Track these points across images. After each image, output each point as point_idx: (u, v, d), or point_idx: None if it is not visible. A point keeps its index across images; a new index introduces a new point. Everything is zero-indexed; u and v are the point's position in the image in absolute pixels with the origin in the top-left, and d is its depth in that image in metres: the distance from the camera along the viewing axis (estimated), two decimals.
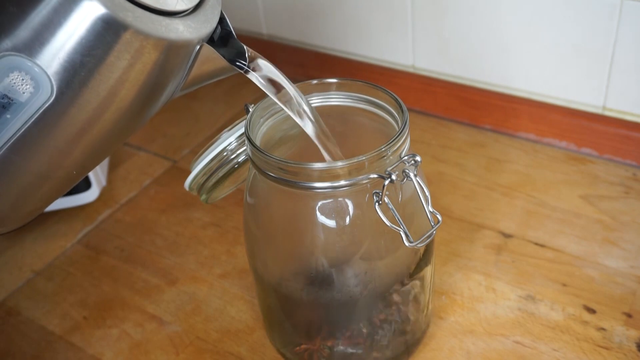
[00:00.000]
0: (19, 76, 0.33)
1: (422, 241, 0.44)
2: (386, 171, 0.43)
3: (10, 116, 0.33)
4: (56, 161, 0.37)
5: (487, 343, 0.56)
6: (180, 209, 0.73)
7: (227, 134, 0.50)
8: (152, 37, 0.33)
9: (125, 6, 0.32)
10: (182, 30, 0.35)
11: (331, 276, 0.47)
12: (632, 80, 0.68)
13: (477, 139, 0.78)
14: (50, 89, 0.33)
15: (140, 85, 0.35)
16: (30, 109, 0.33)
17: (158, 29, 0.33)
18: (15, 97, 0.33)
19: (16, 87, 0.33)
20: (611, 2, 0.65)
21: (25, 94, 0.33)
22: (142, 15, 0.33)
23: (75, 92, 0.33)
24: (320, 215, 0.46)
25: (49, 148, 0.36)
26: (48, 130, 0.34)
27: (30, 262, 0.69)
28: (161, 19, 0.34)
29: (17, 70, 0.32)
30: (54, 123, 0.34)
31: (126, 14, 0.32)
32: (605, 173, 0.71)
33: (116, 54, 0.33)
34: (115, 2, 0.32)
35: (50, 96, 0.33)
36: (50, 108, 0.33)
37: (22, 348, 0.60)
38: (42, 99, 0.33)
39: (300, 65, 0.90)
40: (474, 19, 0.74)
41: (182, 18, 0.36)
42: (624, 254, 0.62)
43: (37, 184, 0.38)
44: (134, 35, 0.33)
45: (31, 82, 0.33)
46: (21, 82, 0.33)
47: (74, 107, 0.34)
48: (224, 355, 0.57)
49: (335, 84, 0.51)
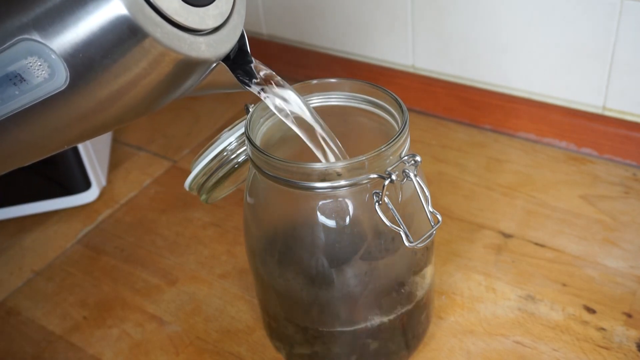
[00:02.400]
0: (37, 61, 0.33)
1: (422, 241, 0.44)
2: (386, 171, 0.43)
3: (19, 92, 0.35)
4: (51, 137, 0.38)
5: (487, 343, 0.56)
6: (180, 209, 0.73)
7: (227, 134, 0.50)
8: (173, 53, 0.34)
9: (156, 21, 0.33)
10: (203, 49, 0.36)
11: (331, 276, 0.47)
12: (632, 80, 0.68)
13: (477, 139, 0.78)
14: (64, 79, 0.34)
15: (150, 90, 0.35)
16: (40, 92, 0.34)
17: (182, 46, 0.34)
18: (28, 79, 0.34)
19: (32, 70, 0.34)
20: (611, 2, 0.65)
21: (39, 78, 0.34)
22: (170, 31, 0.34)
23: (86, 86, 0.34)
24: (320, 215, 0.46)
25: (47, 126, 0.37)
26: (50, 112, 0.36)
27: (30, 262, 0.69)
28: (187, 36, 0.35)
29: (36, 56, 0.33)
30: (58, 108, 0.35)
31: (155, 29, 0.33)
32: (605, 173, 0.71)
33: (135, 60, 0.33)
34: (146, 15, 0.33)
35: (62, 85, 0.34)
36: (59, 95, 0.34)
37: (22, 348, 0.60)
38: (54, 87, 0.34)
39: (300, 65, 0.90)
40: (474, 19, 0.74)
41: (206, 36, 0.36)
42: (624, 254, 0.62)
43: (26, 149, 0.39)
44: (156, 47, 0.33)
45: (48, 69, 0.34)
46: (38, 67, 0.34)
47: (81, 98, 0.35)
48: (224, 355, 0.57)
49: (335, 84, 0.51)
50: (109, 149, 0.82)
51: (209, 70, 0.38)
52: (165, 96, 0.37)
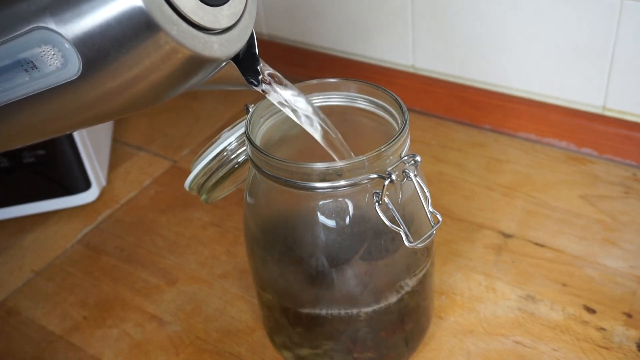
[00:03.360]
0: (51, 50, 0.34)
1: (422, 241, 0.44)
2: (386, 171, 0.43)
3: (29, 79, 0.35)
4: (54, 123, 0.39)
5: (487, 343, 0.56)
6: (180, 209, 0.73)
7: (227, 134, 0.50)
8: (187, 50, 0.34)
9: (173, 18, 0.33)
10: (216, 48, 0.36)
11: (331, 276, 0.47)
12: (632, 80, 0.68)
13: (477, 139, 0.78)
14: (77, 69, 0.34)
15: (159, 83, 0.36)
16: (51, 80, 0.35)
17: (196, 44, 0.35)
18: (40, 67, 0.34)
19: (45, 59, 0.34)
20: (611, 2, 0.65)
21: (51, 67, 0.34)
22: (186, 29, 0.34)
23: (97, 76, 0.34)
24: (320, 215, 0.46)
25: (52, 113, 0.37)
26: (57, 99, 0.36)
27: (30, 262, 0.69)
28: (201, 35, 0.35)
29: (50, 45, 0.33)
30: (66, 96, 0.36)
31: (171, 27, 0.33)
32: (605, 173, 0.71)
33: (147, 54, 0.34)
34: (164, 12, 0.33)
35: (74, 75, 0.34)
36: (69, 84, 0.35)
37: (22, 348, 0.60)
38: (66, 76, 0.34)
39: (300, 65, 0.90)
40: (474, 19, 0.74)
41: (218, 35, 0.37)
42: (624, 254, 0.62)
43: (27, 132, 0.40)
44: (170, 44, 0.34)
45: (61, 58, 0.34)
46: (52, 56, 0.34)
47: (90, 88, 0.35)
48: (224, 355, 0.57)
49: (335, 84, 0.51)
50: (109, 149, 0.82)
51: (218, 68, 0.38)
52: (172, 90, 0.38)
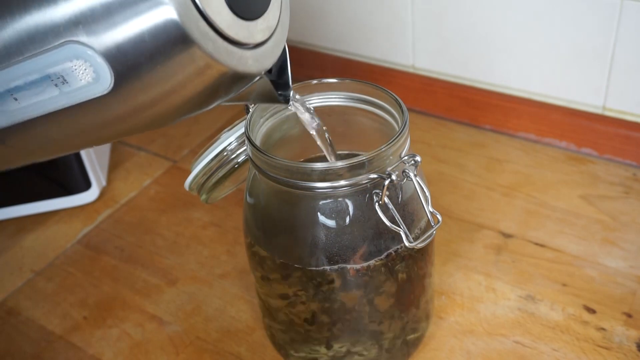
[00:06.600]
0: (82, 65, 0.33)
1: (422, 241, 0.44)
2: (386, 171, 0.43)
3: (59, 94, 0.34)
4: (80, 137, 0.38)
5: (487, 343, 0.56)
6: (180, 209, 0.73)
7: (227, 134, 0.50)
8: (221, 66, 0.33)
9: (209, 35, 0.32)
10: (250, 64, 0.35)
11: (331, 276, 0.47)
12: (632, 80, 0.68)
13: (477, 139, 0.78)
14: (108, 85, 0.33)
15: (189, 98, 0.35)
16: (82, 95, 0.34)
17: (231, 60, 0.34)
18: (71, 81, 0.33)
19: (76, 74, 0.33)
20: (611, 2, 0.65)
21: (82, 81, 0.33)
22: (221, 45, 0.33)
23: (128, 90, 0.34)
24: (320, 215, 0.46)
25: (79, 127, 0.36)
26: (86, 114, 0.35)
27: (30, 262, 0.69)
28: (236, 50, 0.34)
29: (82, 59, 0.33)
30: (95, 110, 0.35)
31: (207, 42, 0.32)
32: (605, 173, 0.71)
33: (180, 69, 0.33)
34: (200, 29, 0.32)
35: (106, 89, 0.33)
36: (98, 99, 0.34)
37: (22, 348, 0.60)
38: (96, 91, 0.33)
39: (300, 65, 0.90)
40: (474, 19, 0.74)
41: (252, 50, 0.36)
42: (624, 254, 0.62)
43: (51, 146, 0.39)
44: (204, 59, 0.33)
45: (93, 74, 0.33)
46: (83, 71, 0.33)
47: (121, 102, 0.34)
48: (224, 355, 0.57)
49: (335, 84, 0.51)
50: (109, 149, 0.82)
51: (250, 83, 0.37)
52: (202, 106, 0.37)
